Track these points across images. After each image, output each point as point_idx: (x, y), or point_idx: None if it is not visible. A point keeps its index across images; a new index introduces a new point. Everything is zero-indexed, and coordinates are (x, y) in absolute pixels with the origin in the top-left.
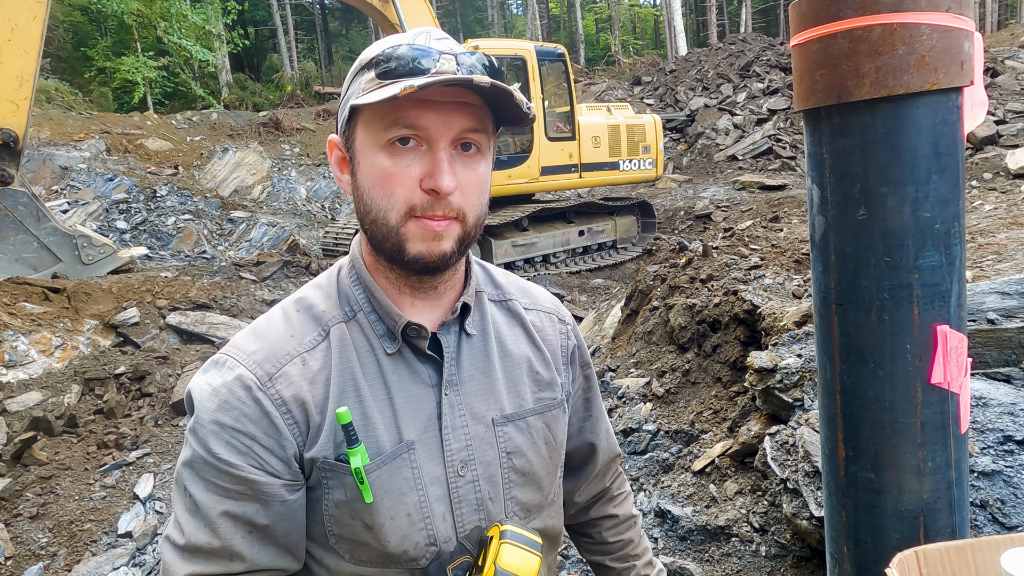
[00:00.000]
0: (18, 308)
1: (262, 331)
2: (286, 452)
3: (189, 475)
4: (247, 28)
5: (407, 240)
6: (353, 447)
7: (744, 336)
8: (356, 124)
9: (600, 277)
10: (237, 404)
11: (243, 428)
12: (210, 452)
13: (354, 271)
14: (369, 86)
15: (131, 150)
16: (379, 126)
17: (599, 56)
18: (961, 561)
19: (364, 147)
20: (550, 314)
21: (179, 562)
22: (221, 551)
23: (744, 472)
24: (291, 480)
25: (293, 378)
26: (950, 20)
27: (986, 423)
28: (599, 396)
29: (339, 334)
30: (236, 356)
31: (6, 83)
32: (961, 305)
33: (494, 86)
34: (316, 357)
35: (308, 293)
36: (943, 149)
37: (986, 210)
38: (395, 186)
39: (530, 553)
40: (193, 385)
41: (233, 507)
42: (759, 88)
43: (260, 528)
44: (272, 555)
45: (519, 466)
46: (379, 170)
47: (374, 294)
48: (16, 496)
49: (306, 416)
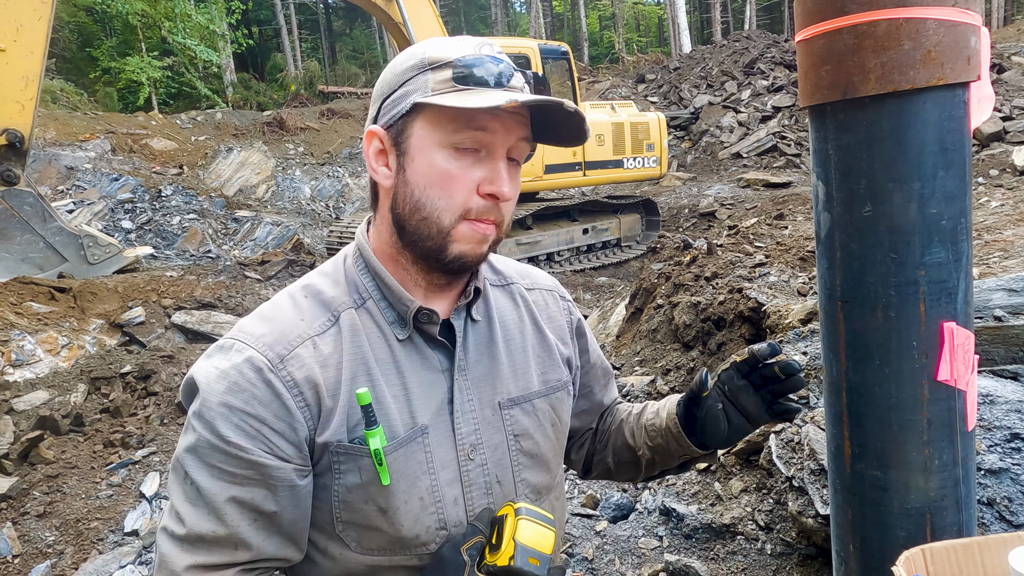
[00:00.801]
0: (25, 308)
1: (269, 315)
2: (297, 435)
3: (192, 461)
4: (251, 28)
5: (453, 241)
6: (372, 428)
7: (749, 334)
8: (415, 120)
9: (604, 275)
10: (247, 386)
11: (253, 411)
12: (218, 435)
13: (361, 259)
14: (443, 87)
15: (136, 150)
16: (449, 127)
17: (603, 54)
18: (968, 559)
19: (424, 145)
20: (551, 291)
21: (179, 553)
22: (227, 539)
23: (749, 470)
24: (301, 465)
25: (305, 360)
26: (956, 15)
27: (993, 420)
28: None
29: (350, 320)
30: (244, 339)
31: (12, 83)
32: (968, 302)
33: (577, 112)
34: (327, 341)
35: (315, 280)
36: (950, 145)
37: (992, 207)
38: (455, 188)
39: (546, 528)
40: (196, 371)
41: (241, 493)
42: (764, 85)
43: (267, 515)
44: (277, 544)
45: (527, 448)
46: (441, 170)
47: (385, 281)
48: (23, 495)
49: (318, 399)
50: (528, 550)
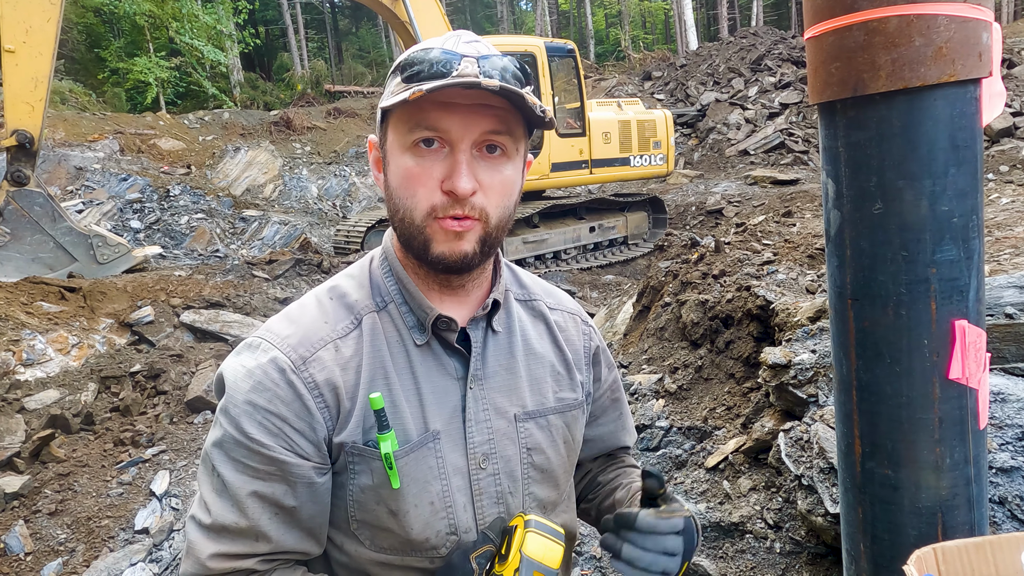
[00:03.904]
0: (35, 307)
1: (296, 317)
2: (316, 435)
3: (219, 455)
4: (258, 27)
5: (431, 240)
6: (384, 432)
7: (757, 332)
8: (387, 126)
9: (611, 273)
10: (271, 386)
11: (276, 409)
12: (242, 432)
13: (386, 263)
14: (397, 89)
15: (144, 150)
16: (404, 128)
17: (609, 51)
18: (980, 558)
19: (392, 148)
20: (573, 315)
21: (205, 541)
22: (248, 531)
23: (758, 469)
24: (320, 463)
25: (326, 363)
26: (968, 10)
27: (1004, 419)
28: (624, 397)
29: (371, 323)
30: (270, 339)
31: (21, 85)
32: (980, 300)
33: (503, 88)
34: (348, 344)
35: (341, 282)
36: (961, 142)
37: (1003, 203)
38: (417, 186)
39: (554, 542)
40: (226, 367)
41: (262, 487)
42: (771, 82)
43: (287, 510)
44: (296, 538)
45: (538, 463)
46: (404, 170)
47: (406, 286)
48: (35, 493)
49: (337, 401)
50: (534, 563)
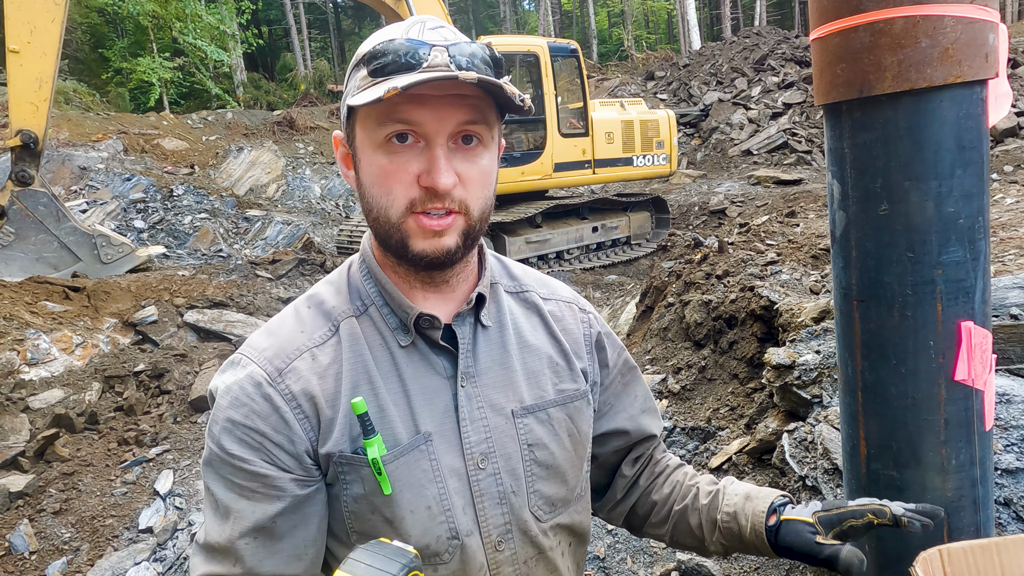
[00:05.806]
0: (39, 307)
1: (274, 329)
2: (296, 447)
3: (208, 472)
4: (261, 27)
5: (409, 237)
6: (369, 438)
7: (761, 332)
8: (355, 122)
9: (614, 273)
10: (247, 400)
11: (253, 424)
12: (223, 449)
13: (365, 266)
14: (363, 84)
15: (148, 150)
16: (374, 124)
17: (612, 51)
18: (986, 559)
19: (363, 145)
20: (569, 303)
21: (196, 561)
22: (228, 552)
23: (762, 469)
24: (303, 476)
25: (302, 373)
26: (974, 11)
27: (1010, 420)
28: (640, 379)
29: (349, 328)
30: (249, 354)
31: (26, 85)
32: (986, 301)
33: (481, 81)
34: (326, 352)
35: (319, 290)
36: (967, 143)
37: (1008, 203)
38: (393, 183)
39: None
40: (211, 386)
41: (246, 507)
42: (774, 82)
43: (268, 530)
44: (278, 562)
45: (541, 459)
46: (378, 168)
47: (385, 287)
48: (39, 492)
49: (316, 410)
50: None
